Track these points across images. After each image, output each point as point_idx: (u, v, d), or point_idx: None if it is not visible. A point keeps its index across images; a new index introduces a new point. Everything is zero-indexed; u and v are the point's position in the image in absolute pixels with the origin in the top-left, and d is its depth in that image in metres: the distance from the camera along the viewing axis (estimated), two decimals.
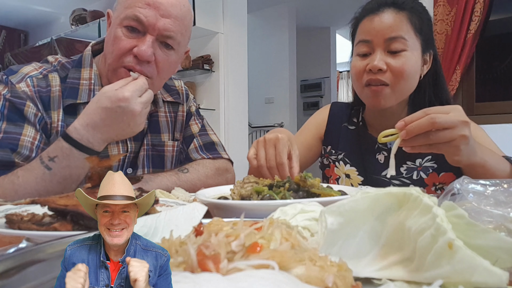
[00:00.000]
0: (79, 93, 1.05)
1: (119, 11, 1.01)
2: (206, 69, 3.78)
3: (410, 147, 0.81)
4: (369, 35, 1.04)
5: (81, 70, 1.08)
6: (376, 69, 1.01)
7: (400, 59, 1.01)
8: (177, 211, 0.48)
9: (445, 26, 2.64)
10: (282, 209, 0.48)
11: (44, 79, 1.04)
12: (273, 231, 0.32)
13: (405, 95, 1.08)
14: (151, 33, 0.99)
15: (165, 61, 1.04)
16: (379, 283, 0.34)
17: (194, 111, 1.32)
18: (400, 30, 1.01)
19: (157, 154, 1.20)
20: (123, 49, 0.99)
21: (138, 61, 1.00)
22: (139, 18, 0.97)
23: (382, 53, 1.02)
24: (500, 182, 0.52)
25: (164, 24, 0.99)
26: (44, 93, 1.02)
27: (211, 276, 0.25)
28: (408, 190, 0.36)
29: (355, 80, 1.10)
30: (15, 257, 0.35)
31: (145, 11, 0.97)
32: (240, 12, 4.03)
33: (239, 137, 4.03)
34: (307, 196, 0.71)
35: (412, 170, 1.09)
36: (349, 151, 1.20)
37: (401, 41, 1.01)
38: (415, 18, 1.03)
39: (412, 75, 1.03)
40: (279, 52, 5.48)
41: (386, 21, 1.02)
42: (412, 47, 1.02)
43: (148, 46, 0.98)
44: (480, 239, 0.32)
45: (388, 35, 1.01)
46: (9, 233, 0.50)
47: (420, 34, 1.04)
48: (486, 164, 0.86)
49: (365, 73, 1.04)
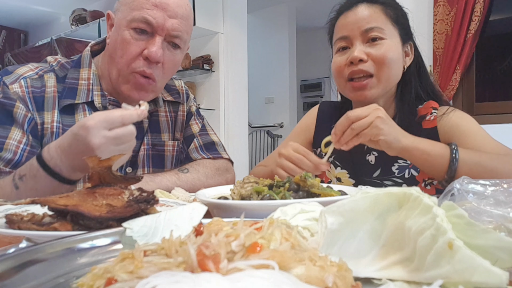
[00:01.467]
0: (77, 93, 1.05)
1: (125, 12, 1.01)
2: (206, 69, 3.78)
3: (344, 145, 0.89)
4: (345, 30, 1.04)
5: (80, 70, 1.09)
6: (357, 59, 1.00)
7: (380, 47, 1.01)
8: (177, 211, 0.48)
9: (445, 26, 2.64)
10: (282, 209, 0.48)
11: (39, 79, 1.03)
12: (273, 231, 0.32)
13: (390, 85, 1.07)
14: (160, 34, 1.00)
15: (172, 61, 1.07)
16: (379, 283, 0.34)
17: (194, 111, 1.32)
18: (376, 21, 1.02)
19: (157, 153, 1.20)
20: (134, 53, 1.00)
21: (149, 63, 1.02)
22: (148, 20, 0.98)
23: (361, 45, 1.02)
24: (500, 182, 0.52)
25: (172, 24, 1.00)
26: (38, 93, 1.01)
27: (211, 276, 0.25)
28: (408, 190, 0.36)
29: (336, 76, 1.09)
30: (15, 257, 0.35)
31: (153, 12, 0.98)
32: (240, 12, 4.03)
33: (239, 137, 4.03)
34: (307, 196, 0.71)
35: (404, 169, 1.08)
36: (339, 153, 1.17)
37: (378, 30, 1.01)
38: (390, 10, 1.04)
39: (394, 62, 1.03)
40: (279, 52, 5.48)
41: (360, 14, 1.03)
42: (390, 35, 1.02)
43: (159, 47, 1.00)
44: (480, 239, 0.32)
45: (364, 27, 1.01)
46: (9, 233, 0.50)
47: (397, 24, 1.04)
48: (419, 146, 0.88)
49: (345, 67, 1.04)
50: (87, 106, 1.06)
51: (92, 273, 0.30)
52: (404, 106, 1.10)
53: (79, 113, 1.05)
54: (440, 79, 2.67)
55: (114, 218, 0.51)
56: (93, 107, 1.07)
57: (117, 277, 0.27)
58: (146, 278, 0.25)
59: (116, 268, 0.29)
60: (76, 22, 4.54)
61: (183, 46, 1.08)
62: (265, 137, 5.54)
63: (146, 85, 1.05)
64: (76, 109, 1.05)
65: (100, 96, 1.07)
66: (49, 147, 0.79)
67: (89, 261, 0.40)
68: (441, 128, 1.05)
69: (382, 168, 1.10)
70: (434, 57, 2.69)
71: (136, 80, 1.03)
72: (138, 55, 1.01)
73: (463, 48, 2.58)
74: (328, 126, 1.25)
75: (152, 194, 0.57)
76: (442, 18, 2.64)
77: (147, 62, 1.01)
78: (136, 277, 0.27)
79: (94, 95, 1.07)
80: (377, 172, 1.11)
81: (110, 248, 0.42)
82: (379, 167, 1.11)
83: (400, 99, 1.10)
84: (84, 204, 0.53)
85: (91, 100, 1.06)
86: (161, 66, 1.04)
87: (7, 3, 4.78)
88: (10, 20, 5.35)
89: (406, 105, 1.10)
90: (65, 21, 4.87)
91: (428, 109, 1.09)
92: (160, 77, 1.06)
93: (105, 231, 0.44)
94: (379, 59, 1.01)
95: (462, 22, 2.56)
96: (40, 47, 5.03)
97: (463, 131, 1.01)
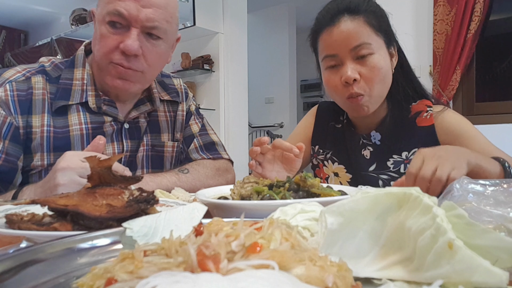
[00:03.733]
0: (71, 94, 1.05)
1: (101, 7, 1.00)
2: (206, 69, 3.78)
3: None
4: (333, 49, 1.03)
5: (74, 71, 1.08)
6: (351, 80, 1.01)
7: (370, 66, 1.01)
8: (177, 211, 0.48)
9: (445, 26, 2.64)
10: (282, 209, 0.48)
11: (26, 81, 1.02)
12: (273, 231, 0.32)
13: (383, 96, 1.09)
14: (135, 26, 0.98)
15: (154, 52, 1.03)
16: (379, 283, 0.34)
17: (194, 110, 1.32)
18: (362, 37, 1.00)
19: (156, 154, 1.19)
20: (109, 46, 0.98)
21: (126, 56, 0.99)
22: (120, 12, 0.95)
23: (351, 63, 1.02)
24: (500, 182, 0.52)
25: (146, 14, 0.97)
26: (24, 96, 1.00)
27: (211, 276, 0.25)
28: (408, 190, 0.36)
29: (334, 95, 1.10)
30: (15, 257, 0.35)
31: (125, 4, 0.96)
32: (240, 12, 4.03)
33: (239, 137, 4.03)
34: (307, 196, 0.71)
35: (399, 164, 1.10)
36: (336, 149, 1.22)
37: (366, 46, 1.00)
38: (372, 18, 1.03)
39: (385, 75, 1.04)
40: (279, 52, 5.48)
41: (345, 31, 1.01)
42: (377, 48, 1.02)
43: (134, 39, 0.97)
44: (480, 239, 0.32)
45: (352, 45, 1.00)
46: (9, 233, 0.50)
47: (380, 32, 1.04)
48: (482, 164, 0.82)
49: (342, 87, 1.04)
50: (81, 107, 1.05)
51: (92, 273, 0.30)
52: (394, 105, 1.12)
53: (73, 114, 1.04)
54: (440, 79, 2.67)
55: (114, 218, 0.51)
56: (87, 108, 1.06)
57: (117, 277, 0.27)
58: (146, 278, 0.25)
59: (116, 268, 0.29)
60: (76, 22, 4.54)
61: (165, 36, 1.04)
62: None
63: (128, 74, 1.02)
64: (69, 110, 1.04)
65: (94, 97, 1.07)
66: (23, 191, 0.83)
67: (89, 261, 0.40)
68: (438, 127, 1.07)
69: (378, 162, 1.13)
70: (434, 57, 2.69)
71: (116, 69, 1.00)
72: (115, 48, 0.98)
73: (463, 48, 2.58)
74: (325, 126, 1.27)
75: (152, 194, 0.57)
76: (442, 18, 2.64)
77: (125, 56, 0.99)
78: (136, 277, 0.27)
79: (88, 96, 1.06)
80: (372, 166, 1.13)
81: (110, 248, 0.42)
82: (375, 162, 1.13)
83: (390, 98, 1.12)
84: (84, 204, 0.53)
85: (85, 100, 1.05)
86: (143, 59, 1.01)
87: (7, 3, 4.78)
88: (10, 20, 5.34)
89: (397, 104, 1.12)
90: (65, 21, 4.87)
91: (422, 107, 1.11)
92: (146, 69, 1.04)
93: (105, 231, 0.44)
94: (370, 79, 1.02)
95: (462, 22, 2.56)
96: (40, 47, 5.02)
97: (468, 137, 1.02)
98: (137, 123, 1.15)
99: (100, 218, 0.51)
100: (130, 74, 1.02)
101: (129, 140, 1.13)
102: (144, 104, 1.17)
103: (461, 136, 1.03)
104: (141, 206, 0.54)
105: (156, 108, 1.19)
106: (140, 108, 1.15)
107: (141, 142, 1.15)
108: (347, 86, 1.03)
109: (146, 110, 1.16)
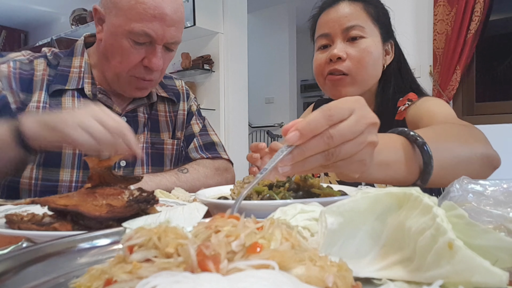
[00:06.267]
0: (68, 80, 1.07)
1: (121, 20, 0.99)
2: (206, 69, 3.78)
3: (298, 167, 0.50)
4: (327, 27, 1.05)
5: (72, 59, 1.11)
6: (336, 57, 1.01)
7: (359, 47, 1.01)
8: (177, 211, 0.48)
9: (445, 26, 2.64)
10: (282, 209, 0.48)
11: (29, 63, 1.06)
12: (274, 231, 0.32)
13: (367, 85, 1.06)
14: (159, 43, 1.02)
15: (168, 61, 1.10)
16: (379, 283, 0.34)
17: (195, 111, 1.32)
18: (357, 19, 1.02)
19: (156, 152, 1.20)
20: (134, 62, 1.03)
21: (149, 71, 1.05)
22: (148, 34, 0.99)
23: (341, 43, 1.02)
24: (499, 182, 0.51)
25: (171, 33, 1.02)
26: (26, 75, 1.04)
27: (211, 276, 0.25)
28: (408, 190, 0.36)
29: (316, 74, 1.10)
30: (15, 257, 0.35)
31: (152, 25, 0.98)
32: (240, 12, 4.03)
33: (239, 137, 4.03)
34: (307, 196, 0.70)
35: None
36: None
37: (359, 29, 1.01)
38: (371, 8, 1.04)
39: (372, 63, 1.02)
40: (279, 52, 5.48)
41: (342, 12, 1.03)
42: (370, 34, 1.03)
43: (159, 57, 1.03)
44: (480, 239, 0.32)
45: (345, 25, 1.02)
46: (9, 233, 0.50)
47: (377, 23, 1.04)
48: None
49: (325, 65, 1.05)
50: (76, 93, 1.08)
51: (89, 274, 0.30)
52: (383, 103, 1.10)
53: (67, 98, 1.07)
54: (440, 79, 2.67)
55: (114, 218, 0.51)
56: (82, 94, 1.09)
57: (117, 277, 0.27)
58: (146, 278, 0.25)
59: (115, 268, 0.29)
60: (76, 22, 4.54)
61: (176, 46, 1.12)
62: (265, 137, 5.54)
63: (148, 85, 1.11)
64: (64, 94, 1.07)
65: (90, 84, 1.10)
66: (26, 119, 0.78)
67: (89, 261, 0.40)
68: (408, 119, 1.00)
69: None
70: (434, 57, 2.69)
71: (138, 83, 1.07)
72: (139, 63, 1.03)
73: (463, 48, 2.58)
74: None
75: (152, 194, 0.57)
76: (442, 18, 2.64)
77: (148, 70, 1.05)
78: (136, 277, 0.27)
79: (85, 83, 1.09)
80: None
81: (110, 248, 0.42)
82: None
83: (381, 96, 1.11)
84: (84, 204, 0.53)
85: (81, 87, 1.08)
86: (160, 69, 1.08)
87: (7, 3, 4.78)
88: (10, 20, 5.34)
89: (385, 102, 1.10)
90: (65, 21, 4.87)
91: (404, 101, 1.06)
92: (158, 77, 1.11)
93: (105, 231, 0.44)
94: (357, 60, 1.01)
95: (462, 22, 2.57)
96: (40, 47, 5.00)
97: (426, 112, 0.94)
98: (135, 117, 1.16)
99: (100, 218, 0.51)
100: (149, 85, 1.10)
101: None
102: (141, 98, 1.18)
103: (422, 115, 0.94)
104: (141, 206, 0.54)
105: (152, 101, 1.20)
106: (137, 101, 1.18)
107: (139, 136, 1.16)
108: (329, 65, 1.03)
109: (142, 103, 1.18)
